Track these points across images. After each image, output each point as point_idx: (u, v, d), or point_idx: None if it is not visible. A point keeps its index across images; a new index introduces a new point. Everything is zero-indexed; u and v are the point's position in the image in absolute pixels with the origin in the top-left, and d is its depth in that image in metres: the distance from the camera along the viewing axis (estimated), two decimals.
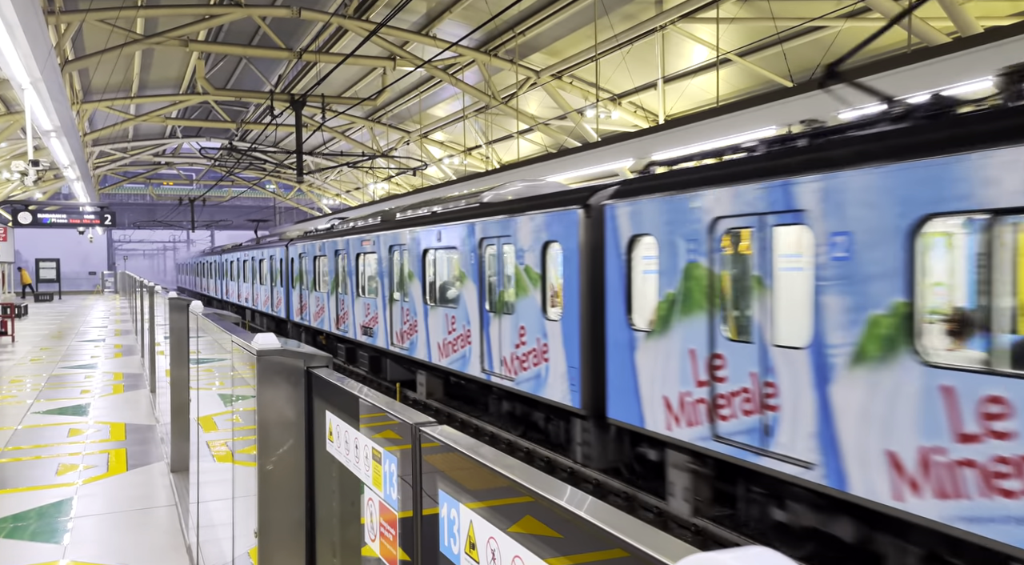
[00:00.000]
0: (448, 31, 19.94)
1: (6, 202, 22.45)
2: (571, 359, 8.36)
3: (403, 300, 12.90)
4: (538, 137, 26.45)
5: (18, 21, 7.98)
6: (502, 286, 9.96)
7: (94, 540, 5.15)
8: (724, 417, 6.38)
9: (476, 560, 1.63)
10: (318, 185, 46.18)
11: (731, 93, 17.84)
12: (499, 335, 9.86)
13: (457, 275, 11.07)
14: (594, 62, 18.54)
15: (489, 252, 10.26)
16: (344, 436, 2.55)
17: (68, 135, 16.33)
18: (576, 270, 8.28)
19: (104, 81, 23.56)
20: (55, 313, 28.75)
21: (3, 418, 9.10)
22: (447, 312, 11.33)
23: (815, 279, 5.59)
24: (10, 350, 16.40)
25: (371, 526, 2.32)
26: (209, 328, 4.89)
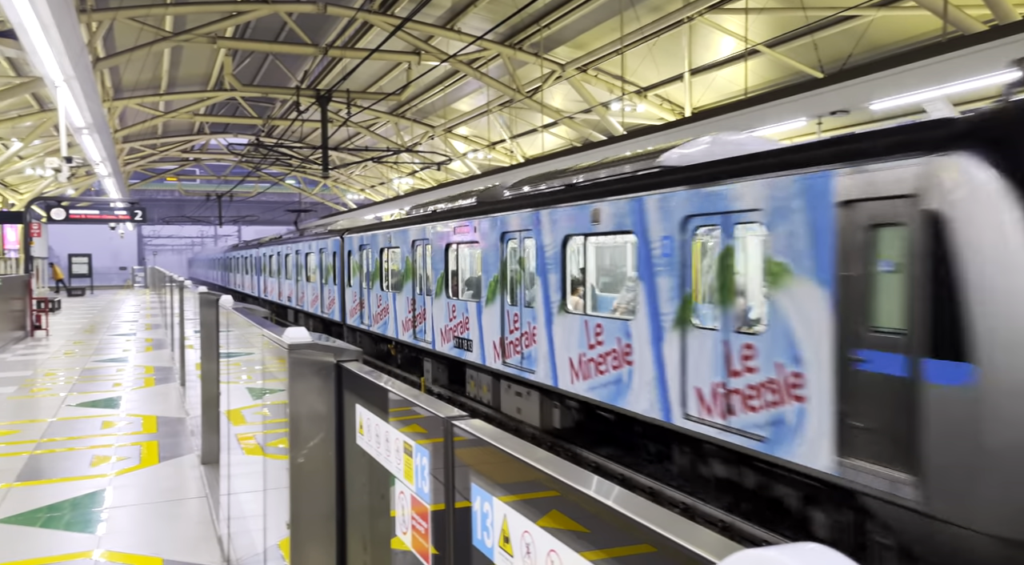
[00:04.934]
0: (472, 25, 19.92)
1: (40, 198, 22.86)
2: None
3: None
4: (563, 131, 26.37)
5: (53, 20, 8.09)
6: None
7: (127, 530, 5.22)
8: (601, 371, 8.44)
9: (510, 554, 1.62)
10: (343, 180, 46.45)
11: (759, 85, 17.64)
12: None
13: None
14: (620, 55, 18.42)
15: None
16: (375, 430, 2.56)
17: (100, 132, 16.57)
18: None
19: (134, 78, 23.88)
20: (87, 307, 29.24)
21: (38, 411, 9.27)
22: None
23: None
24: (44, 344, 16.70)
25: (402, 519, 2.32)
26: (239, 322, 4.93)
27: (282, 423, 3.50)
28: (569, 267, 9.13)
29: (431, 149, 31.73)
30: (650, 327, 7.56)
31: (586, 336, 8.59)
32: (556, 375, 9.15)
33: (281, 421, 3.61)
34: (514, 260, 10.38)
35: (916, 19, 13.66)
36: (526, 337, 9.87)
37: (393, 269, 15.03)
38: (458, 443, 1.93)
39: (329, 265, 19.32)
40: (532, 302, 9.82)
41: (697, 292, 7.13)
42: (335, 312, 18.66)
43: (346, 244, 18.00)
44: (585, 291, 9.02)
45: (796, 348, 5.87)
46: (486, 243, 11.03)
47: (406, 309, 13.59)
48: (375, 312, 15.77)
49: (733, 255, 6.64)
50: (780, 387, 6.01)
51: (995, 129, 4.91)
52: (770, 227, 6.17)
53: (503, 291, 10.52)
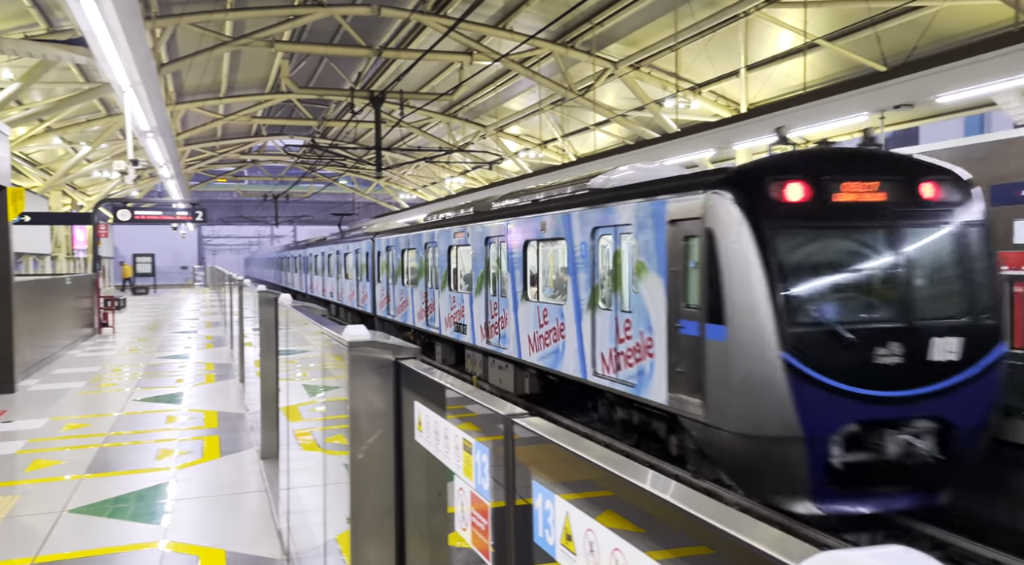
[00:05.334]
0: (525, 24, 19.92)
1: (106, 200, 23.68)
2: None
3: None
4: (615, 129, 26.19)
5: (120, 28, 8.35)
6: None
7: (191, 522, 5.35)
8: (547, 344, 10.68)
9: (573, 552, 1.61)
10: (396, 180, 46.96)
11: (818, 79, 17.23)
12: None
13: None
14: (674, 51, 18.20)
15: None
16: (433, 427, 2.56)
17: (163, 135, 17.07)
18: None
19: (195, 82, 24.54)
20: (150, 305, 30.15)
21: (106, 405, 9.58)
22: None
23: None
24: (111, 340, 17.27)
25: (462, 516, 2.33)
26: (298, 320, 5.01)
27: (340, 419, 3.54)
28: (528, 265, 11.37)
29: (482, 148, 31.85)
30: (574, 310, 9.88)
31: (537, 318, 10.93)
32: (520, 350, 11.51)
33: (339, 417, 3.65)
34: (493, 259, 12.67)
35: (985, 8, 13.18)
36: (501, 321, 12.21)
37: (411, 267, 17.25)
38: (517, 440, 1.92)
39: (363, 264, 21.80)
40: (505, 293, 12.09)
41: (600, 283, 9.40)
42: (368, 305, 21.12)
43: (376, 245, 20.37)
44: (537, 284, 11.26)
45: (649, 320, 8.18)
46: (475, 245, 13.36)
47: (421, 301, 16.26)
48: (398, 304, 18.20)
49: (620, 256, 8.97)
50: (642, 348, 8.33)
51: (738, 177, 7.37)
52: (637, 236, 8.48)
53: (486, 285, 12.83)
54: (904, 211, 7.36)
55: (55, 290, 14.95)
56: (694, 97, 20.77)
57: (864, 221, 7.30)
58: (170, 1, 17.50)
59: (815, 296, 7.12)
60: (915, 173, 7.56)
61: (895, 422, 6.89)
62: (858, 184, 7.31)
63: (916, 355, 6.97)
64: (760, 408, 6.85)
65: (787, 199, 7.14)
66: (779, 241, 7.06)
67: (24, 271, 28.16)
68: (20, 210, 10.26)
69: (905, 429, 6.87)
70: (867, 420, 6.84)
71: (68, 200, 35.29)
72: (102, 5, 7.71)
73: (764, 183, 7.17)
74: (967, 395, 7.06)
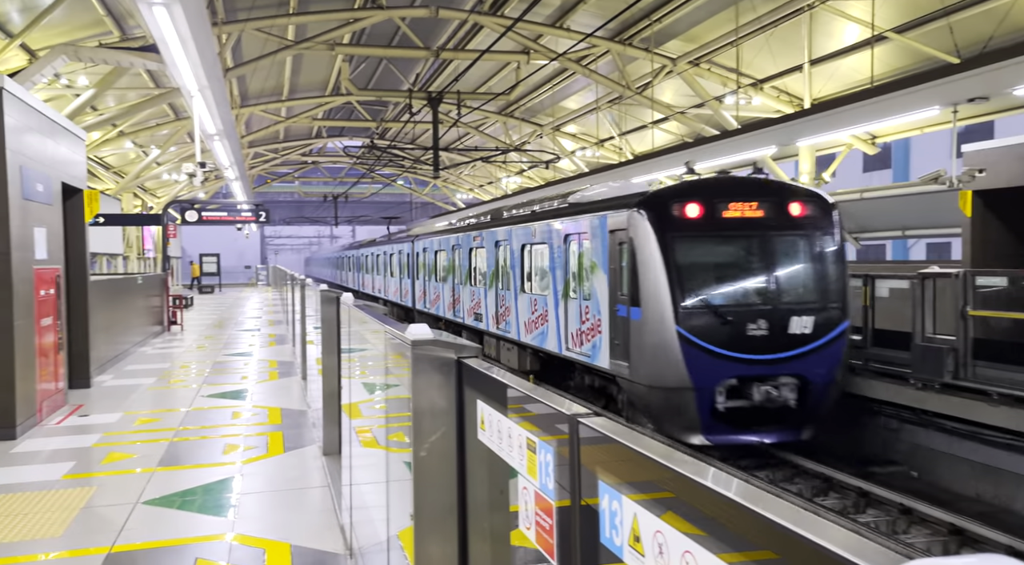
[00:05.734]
0: (582, 22, 19.83)
1: (175, 202, 24.46)
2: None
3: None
4: (673, 126, 25.87)
5: (190, 34, 8.61)
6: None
7: (256, 516, 5.47)
8: (536, 327, 13.02)
9: (641, 553, 1.59)
10: (452, 180, 47.30)
11: (886, 73, 16.71)
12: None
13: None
14: (735, 47, 17.89)
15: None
16: (496, 425, 2.56)
17: (229, 138, 17.53)
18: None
19: (259, 86, 25.14)
20: (216, 304, 31.01)
21: (175, 401, 9.88)
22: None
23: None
24: (179, 338, 17.82)
25: (526, 514, 2.32)
26: (361, 319, 5.08)
27: (401, 417, 3.57)
28: (524, 264, 13.66)
29: (539, 148, 31.84)
30: (554, 299, 12.21)
31: (530, 307, 13.26)
32: (520, 333, 13.81)
33: (400, 415, 3.68)
34: (501, 260, 14.85)
35: None
36: (507, 310, 14.48)
37: (442, 266, 19.48)
38: (582, 440, 1.91)
39: (404, 263, 24.33)
40: (508, 287, 14.37)
41: (570, 277, 11.62)
42: (408, 300, 23.63)
43: (415, 247, 22.75)
44: (530, 279, 13.51)
45: (599, 306, 10.50)
46: (488, 248, 15.60)
47: (449, 295, 18.61)
48: (432, 298, 20.46)
49: (582, 257, 11.22)
50: (594, 327, 10.67)
51: (651, 199, 9.79)
52: (591, 242, 10.86)
53: (496, 280, 15.12)
54: (776, 224, 9.80)
55: (127, 289, 15.49)
56: (755, 93, 20.37)
57: (744, 232, 9.77)
58: (236, 7, 17.97)
59: (703, 286, 9.59)
60: (787, 196, 9.99)
61: (763, 378, 9.35)
62: (741, 204, 9.75)
63: (779, 329, 9.44)
64: (664, 368, 9.31)
65: (686, 216, 9.62)
66: (678, 247, 9.57)
67: (98, 271, 29.29)
68: (95, 212, 10.66)
69: (771, 383, 9.32)
70: (742, 376, 9.30)
71: (139, 202, 36.56)
72: (173, 13, 7.96)
73: (669, 204, 9.70)
74: (818, 359, 9.50)
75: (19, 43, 14.45)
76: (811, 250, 9.94)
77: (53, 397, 8.96)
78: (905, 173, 37.39)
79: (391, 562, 3.89)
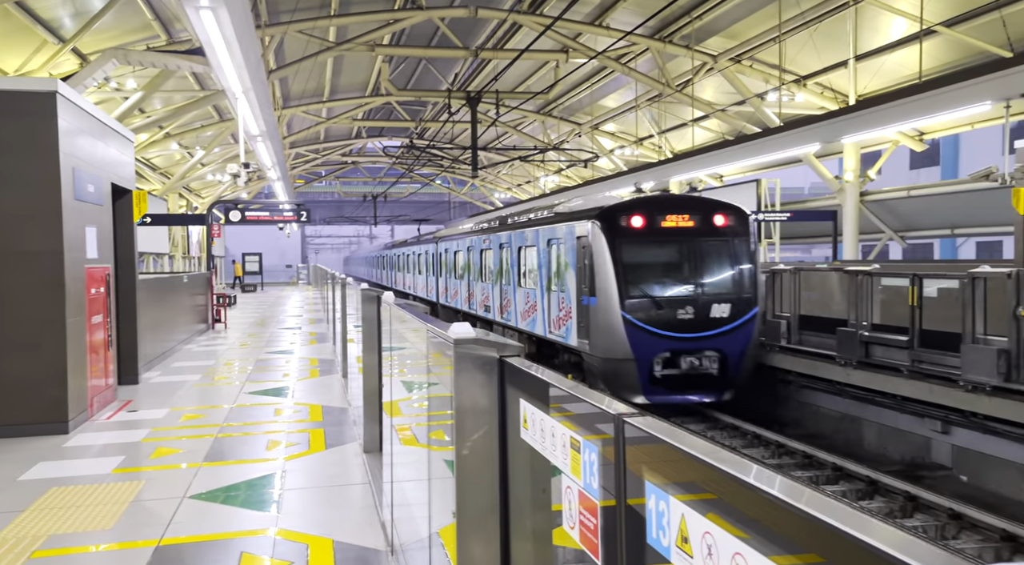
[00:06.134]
0: (622, 20, 19.72)
1: (219, 202, 24.90)
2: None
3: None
4: (714, 124, 25.58)
5: (235, 37, 8.76)
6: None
7: (298, 512, 5.54)
8: (529, 316, 15.59)
9: (689, 554, 1.57)
10: (490, 179, 47.39)
11: (935, 67, 16.31)
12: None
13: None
14: (777, 43, 17.62)
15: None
16: (540, 424, 2.56)
17: (271, 139, 17.80)
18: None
19: (301, 88, 25.46)
20: (258, 302, 31.50)
21: (219, 397, 10.06)
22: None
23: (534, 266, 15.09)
24: (223, 336, 18.13)
25: (569, 514, 2.31)
26: (401, 318, 5.11)
27: (442, 415, 3.58)
28: (519, 264, 16.21)
29: (577, 146, 31.73)
30: (540, 292, 14.73)
31: (524, 299, 15.83)
32: (517, 321, 16.33)
33: (441, 413, 3.70)
34: (503, 260, 17.41)
35: None
36: (508, 302, 17.08)
37: (459, 265, 22.02)
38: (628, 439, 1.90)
39: (429, 262, 27.06)
40: (509, 283, 16.83)
41: (552, 275, 14.07)
42: (433, 295, 26.14)
43: (438, 248, 25.34)
44: (524, 276, 15.95)
45: (570, 297, 13.10)
46: (494, 250, 18.17)
47: (465, 290, 21.34)
48: (451, 293, 23.19)
49: (559, 257, 13.68)
50: (567, 314, 13.22)
51: (604, 212, 12.38)
52: (564, 245, 13.41)
53: (500, 277, 17.70)
54: (702, 232, 12.50)
55: (174, 288, 15.81)
56: (798, 90, 20.05)
57: (677, 238, 12.50)
58: (279, 9, 18.24)
59: (644, 280, 12.23)
60: (713, 209, 12.74)
61: (691, 351, 12.04)
62: (675, 216, 12.50)
63: (703, 314, 12.11)
64: (613, 344, 11.97)
65: (632, 226, 12.32)
66: (624, 250, 12.17)
67: (145, 269, 29.96)
68: (144, 212, 10.90)
69: (697, 356, 12.02)
70: (673, 349, 11.97)
71: (184, 202, 37.33)
72: (219, 16, 8.10)
73: (618, 216, 12.38)
74: (734, 337, 12.15)
75: (71, 48, 14.85)
76: (729, 252, 12.58)
77: (103, 393, 9.18)
78: (954, 170, 36.47)
79: (432, 559, 3.90)
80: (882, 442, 10.96)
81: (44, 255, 7.80)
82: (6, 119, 7.71)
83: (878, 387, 10.53)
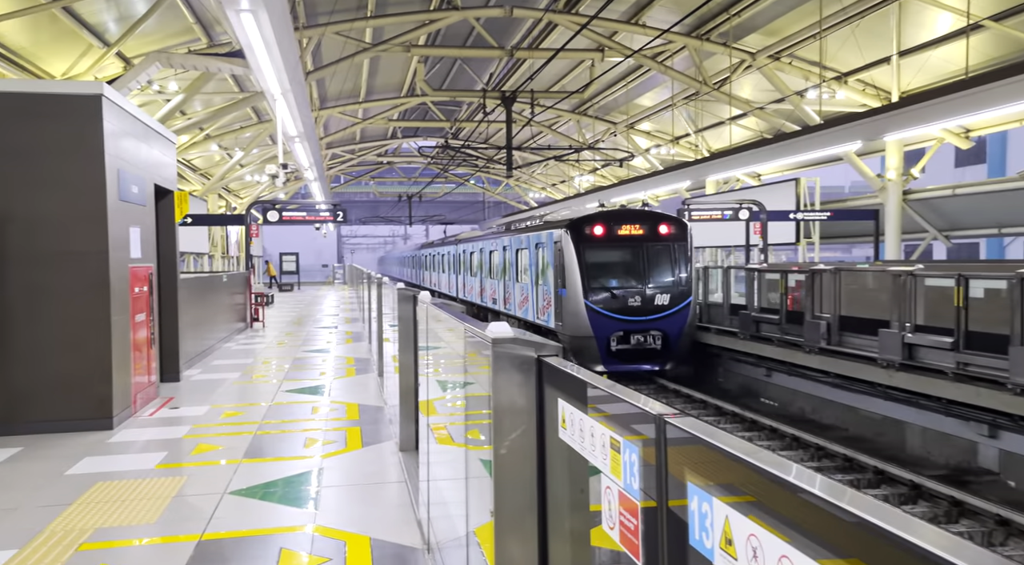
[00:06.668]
0: (658, 18, 19.57)
1: (257, 202, 25.25)
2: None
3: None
4: (752, 122, 25.27)
5: (275, 39, 8.87)
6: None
7: (335, 509, 5.59)
8: (524, 305, 19.10)
9: (733, 556, 1.55)
10: (525, 179, 47.38)
11: (982, 63, 15.93)
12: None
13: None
14: (818, 39, 17.35)
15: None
16: (578, 424, 2.54)
17: (309, 140, 18.00)
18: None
19: (337, 89, 25.71)
20: (295, 302, 31.89)
21: (258, 395, 10.19)
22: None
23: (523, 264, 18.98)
24: (261, 334, 18.38)
25: (609, 514, 2.29)
26: (438, 317, 5.13)
27: (478, 415, 3.57)
28: (517, 263, 19.37)
29: (612, 146, 31.57)
30: (531, 286, 17.94)
31: (520, 291, 19.09)
32: (514, 310, 19.65)
33: (477, 413, 3.70)
34: (506, 260, 20.71)
35: None
36: (509, 295, 20.41)
37: (474, 264, 25.34)
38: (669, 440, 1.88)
39: (451, 262, 30.70)
40: (510, 279, 20.10)
41: (538, 272, 17.26)
42: (454, 291, 29.80)
43: (458, 249, 28.81)
44: (520, 273, 19.06)
45: (551, 289, 16.26)
46: (499, 251, 21.54)
47: (478, 286, 24.66)
48: (468, 289, 26.61)
49: (543, 258, 16.90)
50: (548, 303, 16.46)
51: (573, 223, 15.97)
52: (546, 248, 16.63)
53: (504, 274, 20.91)
54: (649, 238, 15.91)
55: (213, 287, 16.06)
56: (839, 87, 19.71)
57: (629, 243, 15.89)
58: (316, 11, 18.43)
59: (602, 276, 15.62)
60: (658, 220, 16.18)
61: (639, 331, 15.33)
62: (630, 226, 15.99)
63: (648, 302, 15.43)
64: (579, 324, 15.35)
65: (594, 233, 15.74)
66: (587, 253, 15.59)
67: (185, 269, 30.50)
68: (185, 212, 11.09)
69: (644, 334, 15.31)
70: (625, 330, 15.27)
71: (223, 202, 37.94)
72: (259, 19, 8.21)
73: (583, 226, 15.83)
74: (672, 320, 15.52)
75: (115, 51, 15.18)
76: (670, 254, 15.97)
77: (146, 390, 9.36)
78: (1002, 168, 35.57)
79: (470, 558, 3.91)
80: (925, 446, 10.73)
81: (90, 255, 7.98)
82: (54, 122, 7.90)
83: (922, 390, 10.31)
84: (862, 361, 11.53)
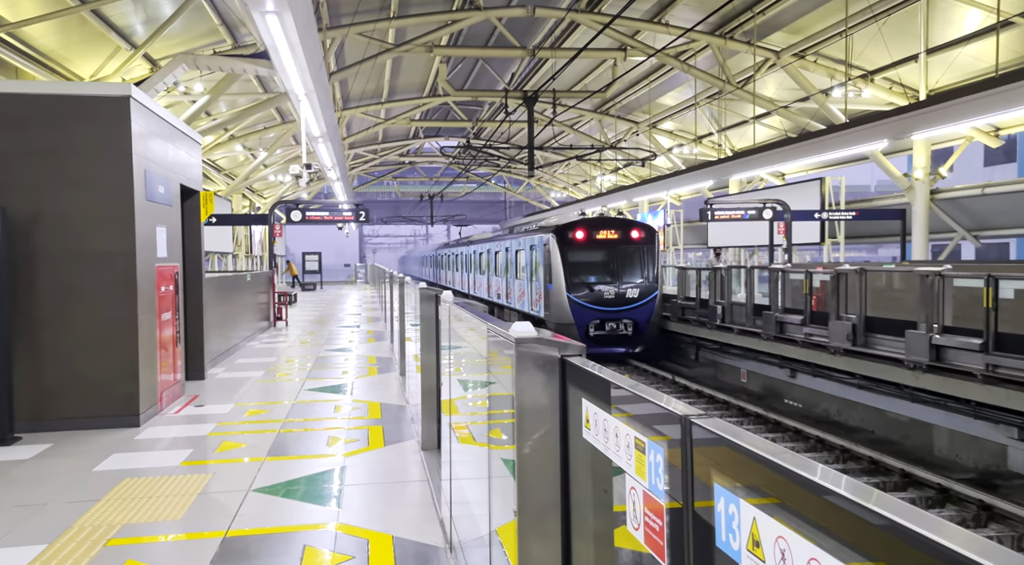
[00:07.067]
0: (681, 17, 19.47)
1: (280, 202, 25.46)
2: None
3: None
4: (776, 121, 25.05)
5: (299, 41, 8.93)
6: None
7: (358, 507, 5.61)
8: (521, 298, 22.32)
9: (761, 559, 1.53)
10: (547, 179, 47.34)
11: (1012, 60, 15.68)
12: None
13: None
14: (844, 37, 17.17)
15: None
16: (602, 424, 2.53)
17: (332, 140, 18.11)
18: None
19: (360, 89, 25.84)
20: (317, 301, 32.09)
21: (281, 393, 10.27)
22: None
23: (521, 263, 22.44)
24: (284, 333, 18.52)
25: (634, 515, 2.28)
26: (460, 317, 5.13)
27: (501, 414, 3.57)
28: (517, 263, 21.88)
29: (635, 145, 31.45)
30: (526, 282, 20.79)
31: (518, 287, 21.70)
32: (514, 303, 22.17)
33: (499, 412, 3.69)
34: (508, 260, 23.41)
35: None
36: (510, 290, 23.17)
37: (483, 263, 28.23)
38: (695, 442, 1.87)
39: (463, 262, 33.39)
40: (511, 276, 22.83)
41: (531, 270, 20.26)
42: (466, 288, 32.54)
43: (470, 250, 31.59)
44: (519, 271, 21.64)
45: (540, 285, 19.60)
46: (502, 252, 24.33)
47: (486, 283, 27.41)
48: (478, 286, 29.45)
49: (537, 257, 19.86)
50: (539, 297, 19.79)
51: (558, 229, 19.35)
52: (537, 249, 19.84)
53: (506, 273, 23.71)
54: (622, 242, 19.08)
55: (237, 286, 16.20)
56: (865, 85, 19.49)
57: (606, 246, 19.08)
58: (339, 12, 18.54)
59: (582, 273, 18.66)
60: (630, 227, 19.29)
61: (612, 319, 18.29)
62: (606, 231, 19.09)
63: (621, 295, 18.45)
64: (562, 314, 18.30)
65: (575, 238, 18.81)
66: (570, 254, 18.64)
67: (210, 268, 30.81)
68: (210, 212, 11.21)
69: (617, 322, 18.27)
70: (601, 318, 18.26)
71: (247, 202, 38.29)
72: (284, 20, 8.28)
73: (566, 231, 18.89)
74: (641, 310, 18.48)
75: (142, 53, 15.37)
76: (640, 255, 19.14)
77: (172, 388, 9.47)
78: None
79: (492, 558, 3.90)
80: (953, 449, 10.59)
81: (117, 255, 8.08)
82: (83, 124, 8.01)
83: (950, 392, 10.17)
84: (889, 362, 11.39)
